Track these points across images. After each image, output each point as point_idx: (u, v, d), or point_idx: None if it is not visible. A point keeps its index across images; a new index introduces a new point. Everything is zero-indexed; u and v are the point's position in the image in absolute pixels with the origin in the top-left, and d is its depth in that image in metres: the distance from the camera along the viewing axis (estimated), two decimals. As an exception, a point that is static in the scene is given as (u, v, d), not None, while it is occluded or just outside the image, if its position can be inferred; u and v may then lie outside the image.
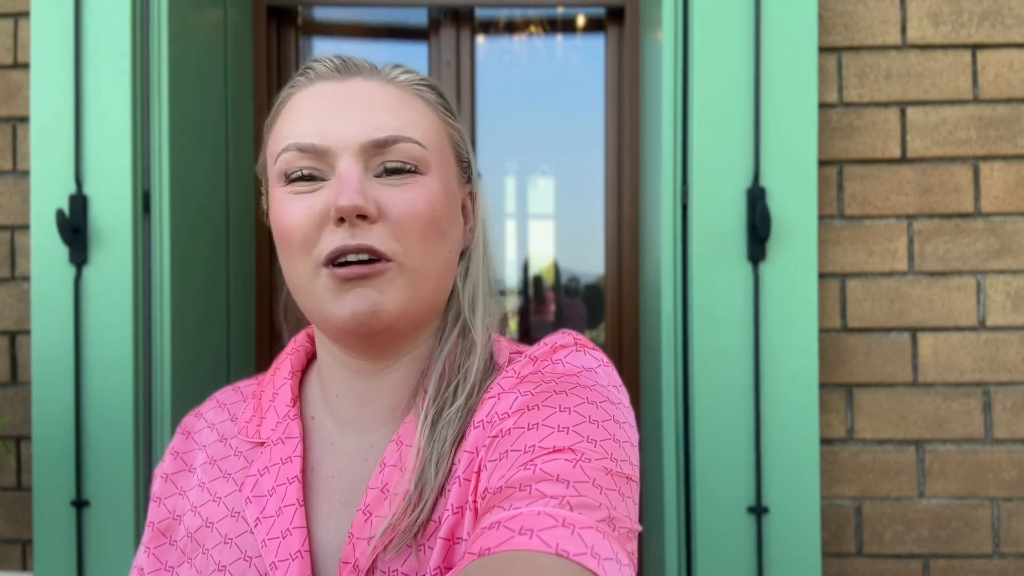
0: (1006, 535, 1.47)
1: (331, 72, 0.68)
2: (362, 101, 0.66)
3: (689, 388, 1.43)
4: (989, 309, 1.47)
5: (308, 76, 0.69)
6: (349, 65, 0.68)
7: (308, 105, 0.67)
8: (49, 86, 1.43)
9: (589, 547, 0.50)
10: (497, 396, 0.65)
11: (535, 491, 0.54)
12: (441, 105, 0.72)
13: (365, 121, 0.65)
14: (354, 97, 0.66)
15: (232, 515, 0.69)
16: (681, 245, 1.45)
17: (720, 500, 1.41)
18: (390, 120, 0.65)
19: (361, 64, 0.69)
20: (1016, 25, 1.47)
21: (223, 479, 0.72)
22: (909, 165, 1.48)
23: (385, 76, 0.69)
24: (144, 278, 1.45)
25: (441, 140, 0.70)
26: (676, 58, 1.45)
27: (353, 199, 0.61)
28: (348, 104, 0.65)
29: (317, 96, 0.67)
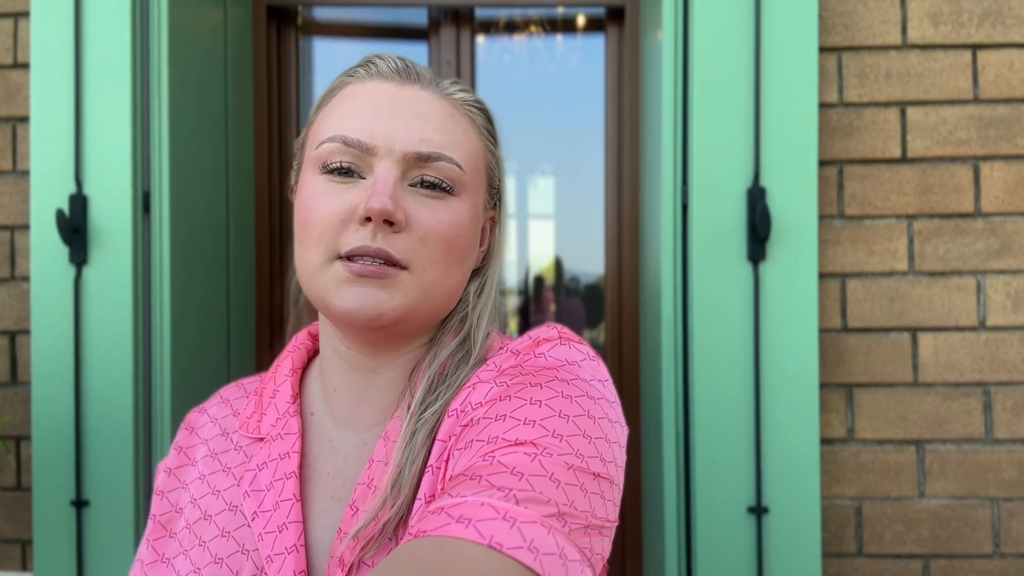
0: (1006, 535, 1.47)
1: (392, 73, 0.68)
2: (415, 110, 0.67)
3: (689, 388, 1.43)
4: (989, 309, 1.47)
5: (368, 71, 0.69)
6: (411, 71, 0.69)
7: (362, 100, 0.67)
8: (49, 86, 1.43)
9: (528, 541, 0.50)
10: (473, 386, 0.66)
11: (485, 481, 0.54)
12: (487, 129, 0.73)
13: (413, 131, 0.66)
14: (408, 104, 0.67)
15: (230, 508, 0.70)
16: (681, 245, 1.45)
17: (720, 500, 1.41)
18: (437, 136, 0.66)
19: (422, 72, 0.69)
20: (1016, 25, 1.47)
21: (223, 473, 0.73)
22: (909, 165, 1.48)
23: (442, 90, 0.70)
24: (144, 278, 1.45)
25: (479, 164, 0.71)
26: (676, 58, 1.45)
27: (384, 203, 0.62)
28: (401, 110, 0.66)
29: (373, 93, 0.67)
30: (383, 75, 0.68)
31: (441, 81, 0.71)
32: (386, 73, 0.68)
